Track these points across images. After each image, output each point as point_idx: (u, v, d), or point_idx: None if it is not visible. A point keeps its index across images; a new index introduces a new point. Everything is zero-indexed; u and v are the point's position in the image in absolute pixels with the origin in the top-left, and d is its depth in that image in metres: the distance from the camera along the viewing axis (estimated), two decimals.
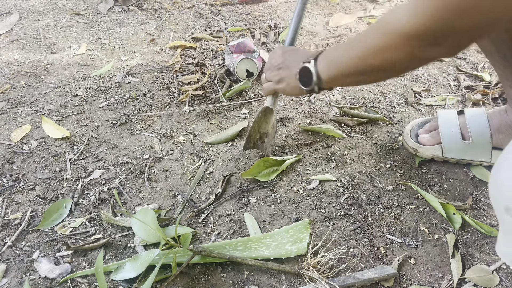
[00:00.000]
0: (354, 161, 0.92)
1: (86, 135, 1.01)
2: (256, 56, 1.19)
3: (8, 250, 0.75)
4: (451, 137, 0.86)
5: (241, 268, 0.71)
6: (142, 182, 0.88)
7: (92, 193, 0.85)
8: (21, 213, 0.82)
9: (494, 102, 1.10)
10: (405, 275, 0.69)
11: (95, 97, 1.16)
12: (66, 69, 1.29)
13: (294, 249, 0.71)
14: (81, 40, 1.46)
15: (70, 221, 0.80)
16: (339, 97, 1.14)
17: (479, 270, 0.69)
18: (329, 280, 0.66)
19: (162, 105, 1.12)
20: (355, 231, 0.77)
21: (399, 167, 0.90)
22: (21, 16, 1.61)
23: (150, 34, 1.49)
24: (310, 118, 1.06)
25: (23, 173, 0.91)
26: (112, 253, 0.74)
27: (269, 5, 1.69)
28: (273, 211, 0.81)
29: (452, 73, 1.24)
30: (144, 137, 1.01)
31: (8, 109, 1.11)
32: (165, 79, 1.23)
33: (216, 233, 0.77)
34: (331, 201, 0.82)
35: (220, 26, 1.53)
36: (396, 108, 1.09)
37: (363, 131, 1.01)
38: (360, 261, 0.71)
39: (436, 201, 0.79)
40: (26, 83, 1.22)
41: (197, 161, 0.93)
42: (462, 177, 0.87)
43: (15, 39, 1.45)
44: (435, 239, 0.75)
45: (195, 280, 0.69)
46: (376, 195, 0.84)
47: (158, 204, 0.83)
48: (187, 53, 1.36)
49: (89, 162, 0.94)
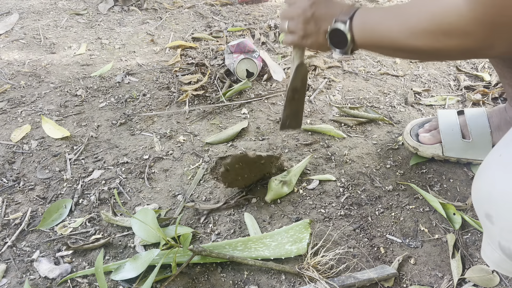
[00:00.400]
0: (354, 161, 0.92)
1: (86, 135, 1.01)
2: (256, 56, 1.19)
3: (8, 250, 0.75)
4: (452, 136, 0.86)
5: (241, 268, 0.71)
6: (142, 182, 0.88)
7: (92, 193, 0.85)
8: (21, 213, 0.82)
9: (494, 102, 1.10)
10: (405, 275, 0.69)
11: (95, 97, 1.16)
12: (66, 69, 1.29)
13: (294, 249, 0.71)
14: (81, 40, 1.46)
15: (70, 221, 0.80)
16: (339, 97, 1.14)
17: (479, 270, 0.69)
18: (329, 280, 0.66)
19: (162, 105, 1.12)
20: (355, 231, 0.77)
21: (399, 167, 0.90)
22: (21, 16, 1.61)
23: (150, 34, 1.49)
24: (310, 118, 1.06)
25: (23, 173, 0.91)
26: (112, 253, 0.74)
27: (269, 5, 1.69)
28: (273, 211, 0.81)
29: (452, 73, 1.24)
30: (144, 137, 1.01)
31: (8, 109, 1.11)
32: (165, 79, 1.23)
33: (216, 233, 0.77)
34: (331, 201, 0.82)
35: (220, 26, 1.53)
36: (396, 108, 1.09)
37: (363, 131, 1.01)
38: (360, 261, 0.71)
39: (436, 201, 0.79)
40: (26, 83, 1.22)
41: (197, 161, 0.93)
42: (462, 177, 0.87)
43: (15, 39, 1.45)
44: (435, 239, 0.75)
45: (195, 280, 0.69)
46: (376, 195, 0.84)
47: (158, 204, 0.83)
48: (187, 53, 1.36)
49: (89, 162, 0.94)
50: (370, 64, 1.29)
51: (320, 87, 1.17)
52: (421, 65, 1.28)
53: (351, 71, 1.26)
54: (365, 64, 1.29)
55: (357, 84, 1.20)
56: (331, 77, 1.22)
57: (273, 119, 1.06)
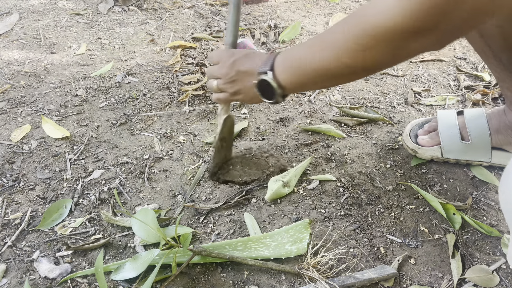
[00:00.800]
0: (354, 161, 0.92)
1: (86, 135, 1.01)
2: None
3: (8, 250, 0.75)
4: (451, 138, 0.86)
5: (241, 268, 0.71)
6: (142, 182, 0.88)
7: (92, 193, 0.85)
8: (21, 213, 0.82)
9: (494, 102, 1.10)
10: (405, 275, 0.69)
11: (95, 97, 1.16)
12: (66, 69, 1.29)
13: (294, 249, 0.71)
14: (81, 40, 1.46)
15: (70, 221, 0.80)
16: (339, 97, 1.14)
17: (479, 270, 0.69)
18: (329, 280, 0.66)
19: (162, 105, 1.12)
20: (355, 231, 0.77)
21: (399, 167, 0.90)
22: (21, 16, 1.61)
23: (150, 34, 1.49)
24: (310, 118, 1.06)
25: (23, 173, 0.91)
26: (112, 253, 0.74)
27: (269, 5, 1.69)
28: (273, 211, 0.81)
29: (452, 73, 1.24)
30: (144, 137, 1.01)
31: (8, 109, 1.11)
32: (165, 79, 1.23)
33: (216, 233, 0.77)
34: (331, 201, 0.82)
35: (220, 26, 1.53)
36: (396, 108, 1.09)
37: (363, 131, 1.01)
38: (360, 261, 0.71)
39: (436, 201, 0.79)
40: (26, 83, 1.22)
41: (197, 161, 0.93)
42: (462, 177, 0.87)
43: (15, 39, 1.45)
44: (435, 239, 0.75)
45: (195, 280, 0.69)
46: (376, 195, 0.84)
47: (158, 204, 0.83)
48: (187, 53, 1.36)
49: (89, 162, 0.94)
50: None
51: None
52: (421, 65, 1.28)
53: None
54: None
55: (357, 84, 1.20)
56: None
57: (273, 119, 1.06)
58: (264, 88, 0.66)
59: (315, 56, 0.56)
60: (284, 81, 0.63)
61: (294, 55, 0.61)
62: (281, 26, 1.50)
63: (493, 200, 0.82)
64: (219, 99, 0.78)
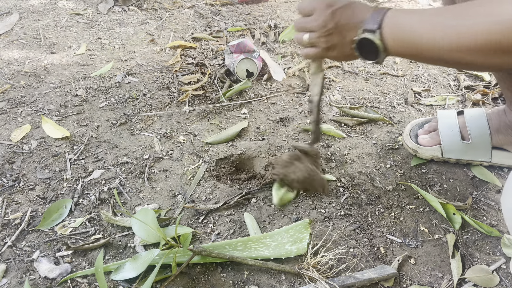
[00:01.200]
0: (354, 161, 0.92)
1: (86, 135, 1.01)
2: (256, 56, 1.19)
3: (8, 250, 0.75)
4: (451, 137, 0.86)
5: (241, 268, 0.71)
6: (142, 182, 0.88)
7: (92, 193, 0.85)
8: (21, 213, 0.82)
9: (494, 102, 1.10)
10: (405, 275, 0.69)
11: (95, 97, 1.16)
12: (66, 69, 1.29)
13: (294, 249, 0.71)
14: (81, 40, 1.46)
15: (70, 221, 0.80)
16: (339, 97, 1.14)
17: (479, 270, 0.69)
18: (329, 280, 0.66)
19: (162, 105, 1.12)
20: (355, 231, 0.77)
21: (399, 167, 0.90)
22: (21, 16, 1.61)
23: (150, 34, 1.49)
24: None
25: (23, 173, 0.91)
26: (112, 253, 0.74)
27: (269, 5, 1.69)
28: (273, 211, 0.81)
29: (452, 73, 1.24)
30: (144, 137, 1.01)
31: (8, 109, 1.11)
32: (165, 79, 1.23)
33: (216, 233, 0.77)
34: (331, 201, 0.82)
35: (220, 26, 1.53)
36: (396, 108, 1.09)
37: (363, 131, 1.01)
38: (360, 261, 0.71)
39: (436, 201, 0.79)
40: (26, 83, 1.22)
41: (197, 161, 0.93)
42: (462, 177, 0.87)
43: (15, 39, 1.45)
44: (435, 239, 0.75)
45: (195, 280, 0.69)
46: (376, 195, 0.84)
47: (158, 204, 0.83)
48: (187, 53, 1.36)
49: (89, 162, 0.94)
50: (370, 64, 1.29)
51: None
52: (421, 65, 1.28)
53: (351, 71, 1.26)
54: (365, 64, 1.29)
55: (357, 84, 1.20)
56: (331, 77, 1.22)
57: (273, 119, 1.06)
58: (365, 46, 0.60)
59: (436, 38, 0.50)
60: (390, 44, 0.57)
61: (407, 21, 0.55)
62: (281, 26, 1.50)
63: (493, 200, 0.82)
64: (309, 55, 0.69)
